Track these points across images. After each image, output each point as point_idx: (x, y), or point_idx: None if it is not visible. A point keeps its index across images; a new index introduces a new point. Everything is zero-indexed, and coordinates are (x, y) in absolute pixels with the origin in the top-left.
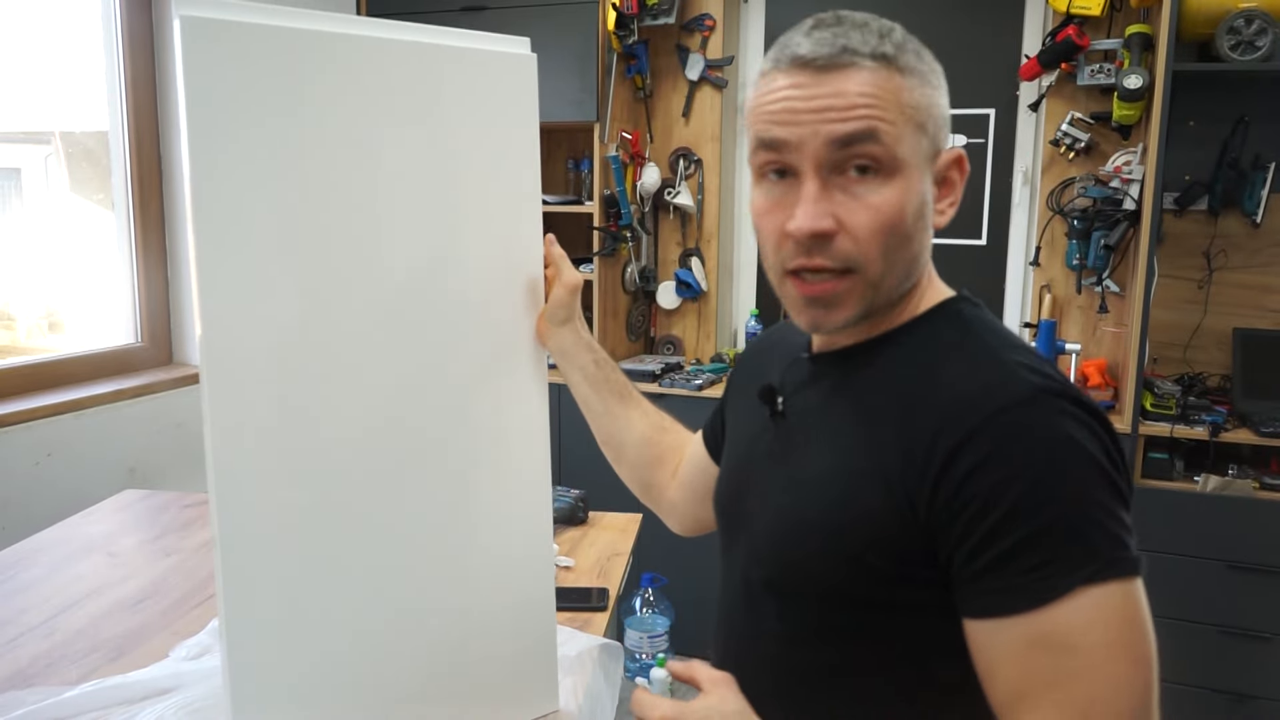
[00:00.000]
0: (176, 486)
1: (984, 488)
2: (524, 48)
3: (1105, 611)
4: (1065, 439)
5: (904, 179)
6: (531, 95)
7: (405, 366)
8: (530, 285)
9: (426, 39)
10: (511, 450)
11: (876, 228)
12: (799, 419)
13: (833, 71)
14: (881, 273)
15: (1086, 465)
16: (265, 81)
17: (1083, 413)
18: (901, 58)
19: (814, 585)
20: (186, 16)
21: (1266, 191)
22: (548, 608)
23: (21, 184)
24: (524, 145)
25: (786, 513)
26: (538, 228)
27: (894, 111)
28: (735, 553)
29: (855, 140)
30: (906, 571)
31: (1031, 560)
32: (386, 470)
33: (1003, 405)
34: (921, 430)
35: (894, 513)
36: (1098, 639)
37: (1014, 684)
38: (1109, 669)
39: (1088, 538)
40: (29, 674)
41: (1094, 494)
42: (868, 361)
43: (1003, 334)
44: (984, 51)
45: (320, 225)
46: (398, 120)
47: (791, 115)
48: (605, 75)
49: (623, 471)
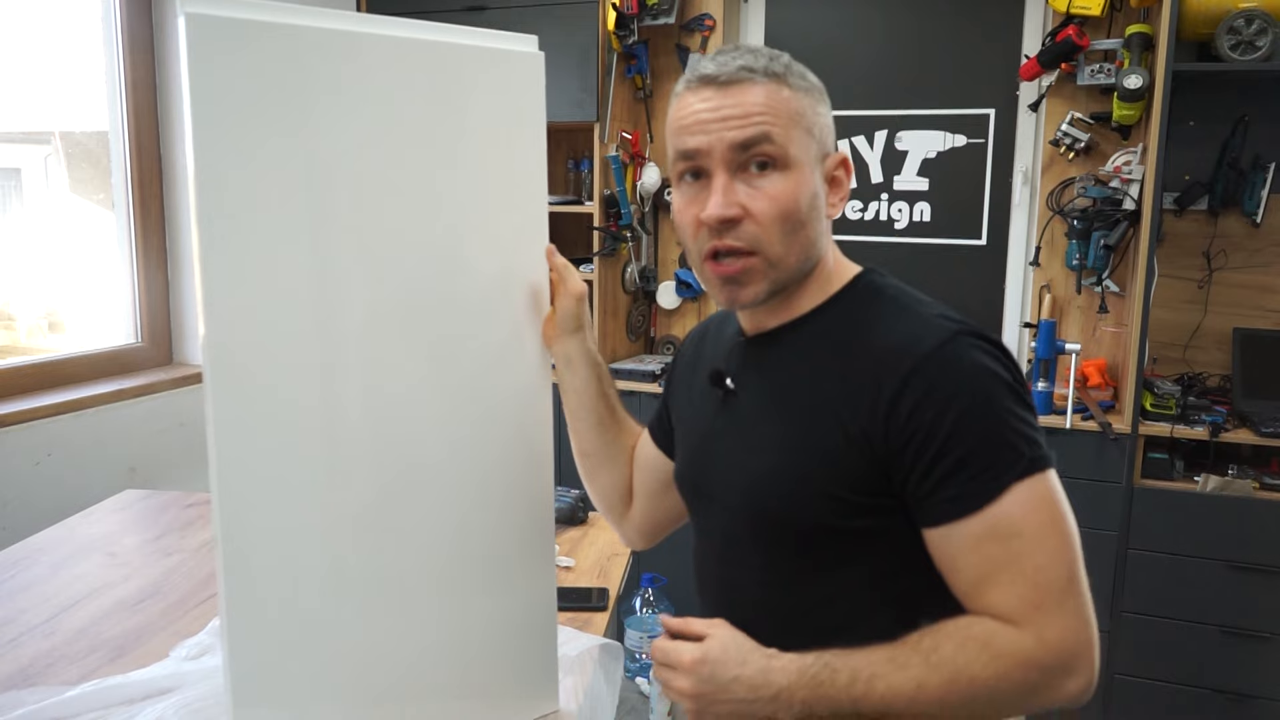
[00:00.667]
0: (177, 486)
1: (926, 419)
2: (531, 46)
3: (1035, 499)
4: (983, 369)
5: (796, 173)
6: (539, 94)
7: (409, 366)
8: (535, 286)
9: (433, 37)
10: (515, 451)
11: (775, 213)
12: (747, 392)
13: (733, 86)
14: (781, 253)
15: (1001, 387)
16: (270, 79)
17: (989, 345)
18: (789, 76)
19: (792, 528)
20: (192, 14)
21: (1266, 191)
22: (548, 608)
23: (21, 184)
24: (531, 144)
25: (754, 469)
26: (543, 227)
27: (784, 118)
28: (707, 517)
29: (753, 143)
30: (867, 500)
31: (972, 470)
32: (389, 471)
33: (929, 349)
34: (864, 376)
35: (851, 450)
36: (1034, 521)
37: (974, 573)
38: (1047, 543)
39: (1013, 445)
40: (29, 674)
41: (1010, 407)
42: (800, 334)
43: (913, 293)
44: (984, 51)
45: (325, 224)
46: (404, 118)
47: (701, 125)
48: (605, 75)
49: (597, 483)
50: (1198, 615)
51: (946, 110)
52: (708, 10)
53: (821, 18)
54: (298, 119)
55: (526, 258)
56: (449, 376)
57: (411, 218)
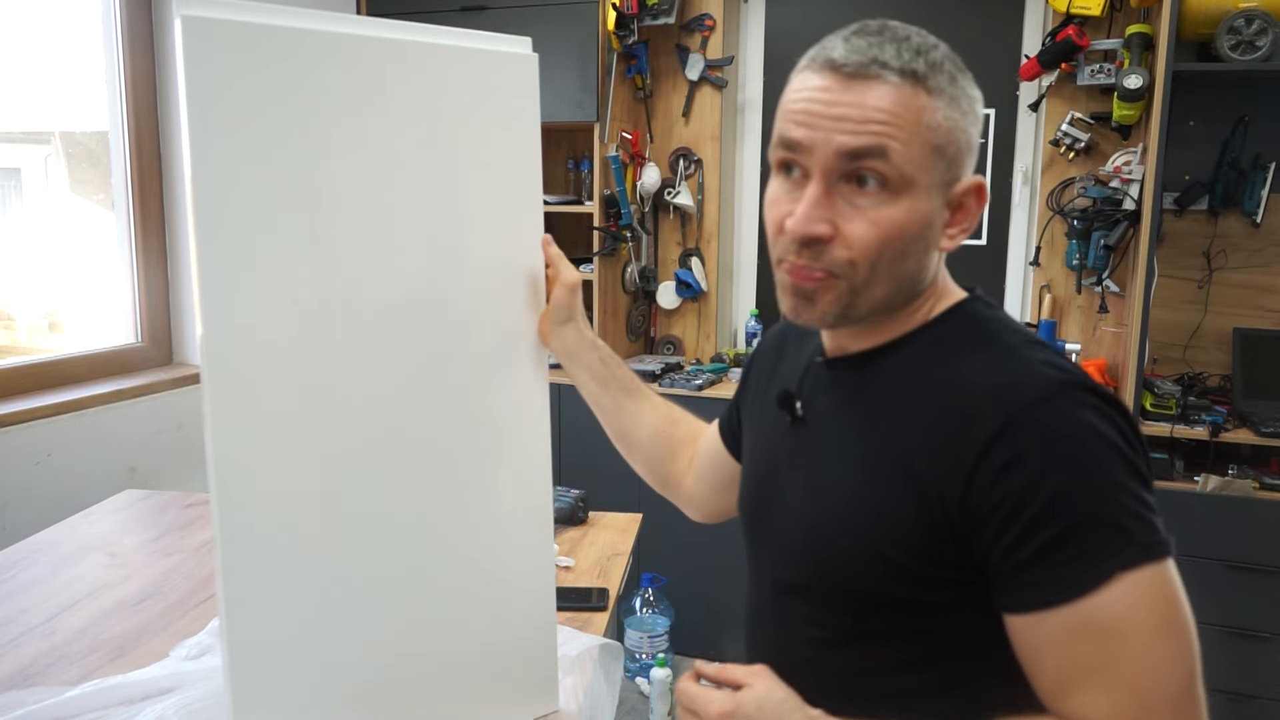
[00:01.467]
0: (177, 486)
1: (1018, 485)
2: (525, 47)
3: (1144, 594)
4: (1091, 431)
5: (910, 198)
6: (533, 95)
7: (406, 367)
8: (531, 285)
9: (428, 39)
10: (513, 450)
11: (871, 241)
12: (819, 424)
13: (858, 81)
14: (865, 281)
15: (1112, 454)
16: (266, 81)
17: (1102, 403)
18: (932, 78)
19: (846, 588)
20: (188, 16)
21: (1266, 191)
22: (548, 608)
23: (21, 184)
24: (525, 145)
25: (814, 517)
26: (539, 228)
27: (910, 130)
28: (762, 556)
29: (864, 155)
30: (937, 570)
31: (1069, 552)
32: (387, 470)
33: (1029, 401)
34: (947, 429)
35: (924, 512)
36: (1139, 622)
37: (1061, 672)
38: (1153, 649)
39: (1120, 525)
40: (29, 674)
41: (1122, 482)
42: (885, 365)
43: (1018, 330)
44: (984, 51)
45: (321, 225)
46: (399, 120)
47: (810, 118)
48: (605, 75)
49: (636, 464)
50: (1197, 615)
51: None
52: (708, 10)
53: (821, 18)
54: (294, 120)
55: (523, 256)
56: (446, 375)
57: (407, 217)
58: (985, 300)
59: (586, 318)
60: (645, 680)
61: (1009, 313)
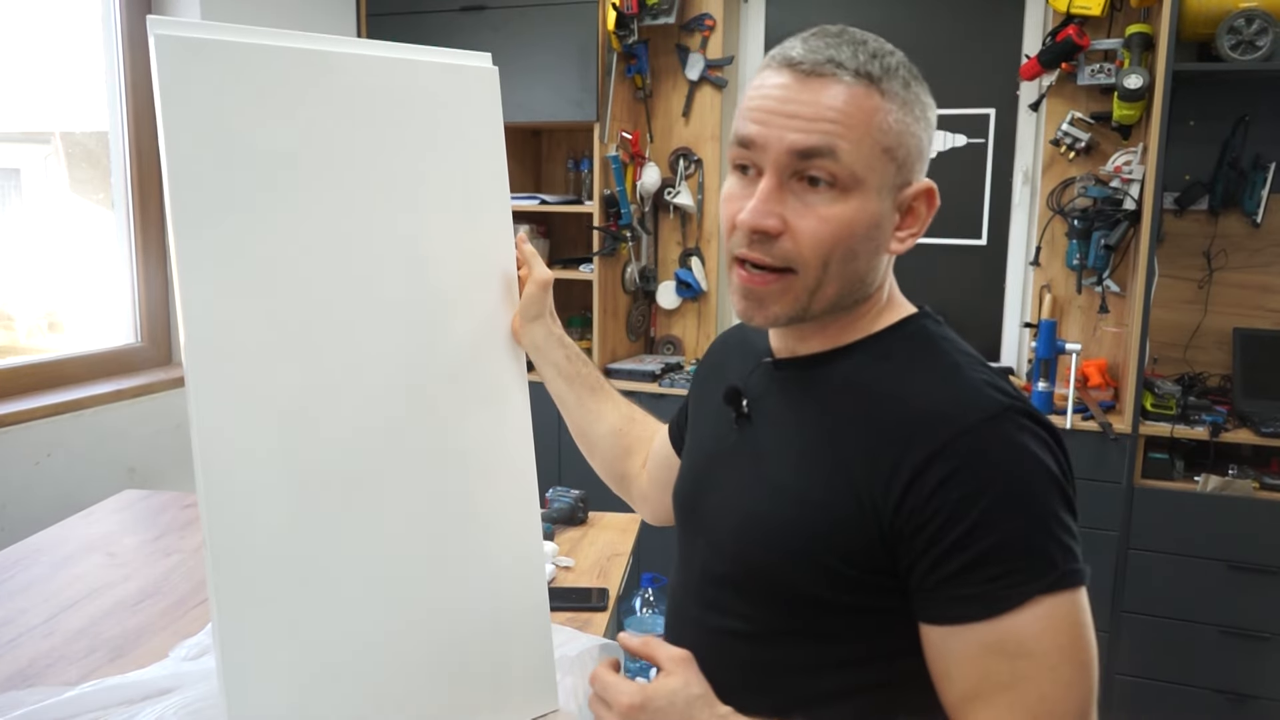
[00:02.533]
0: (176, 486)
1: (950, 501)
2: (486, 61)
3: (1057, 620)
4: (1029, 455)
5: (859, 197)
6: (495, 105)
7: (385, 369)
8: (505, 285)
9: (393, 54)
10: (495, 448)
11: (821, 237)
12: (763, 423)
13: (814, 79)
14: (818, 280)
15: (1046, 481)
16: (239, 95)
17: (1040, 429)
18: (886, 81)
19: (781, 587)
20: (161, 35)
21: (1267, 191)
22: (541, 605)
23: (21, 184)
24: (490, 151)
25: (752, 515)
26: (508, 230)
27: (861, 130)
28: (695, 547)
29: (814, 153)
30: (864, 575)
31: (992, 571)
32: (372, 471)
33: (971, 422)
34: (889, 442)
35: (858, 519)
36: (1049, 645)
37: (969, 685)
38: (1059, 672)
39: (1045, 551)
40: (29, 674)
41: (1051, 508)
42: (833, 370)
43: (965, 350)
44: (984, 51)
45: (295, 233)
46: (366, 132)
47: (764, 115)
48: (605, 75)
49: (595, 463)
50: (1198, 615)
51: (947, 110)
52: (708, 10)
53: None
54: (266, 133)
55: (494, 256)
56: (424, 378)
57: (381, 222)
58: (934, 318)
59: (556, 315)
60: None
61: (955, 334)
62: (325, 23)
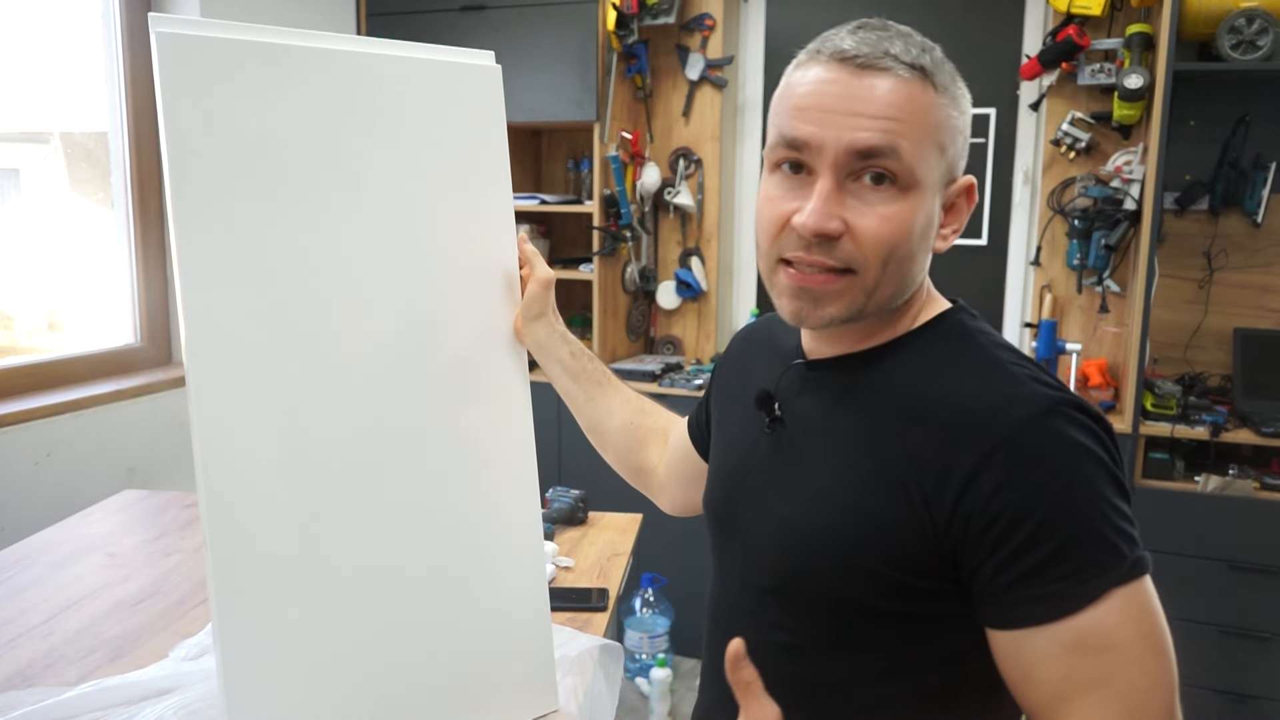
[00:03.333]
0: (176, 486)
1: (1011, 504)
2: (489, 60)
3: (1134, 609)
4: (1084, 451)
5: (917, 196)
6: (498, 104)
7: (387, 369)
8: (507, 283)
9: (396, 52)
10: (496, 448)
11: (883, 237)
12: (799, 426)
13: (870, 72)
14: (877, 280)
15: (1101, 471)
16: (240, 93)
17: (1089, 420)
18: (938, 75)
19: (825, 596)
20: (163, 33)
21: (1267, 191)
22: (541, 605)
23: (21, 184)
24: (493, 150)
25: (795, 523)
26: (511, 229)
27: (919, 128)
28: (732, 557)
29: (878, 153)
30: (921, 582)
31: (1064, 569)
32: (373, 471)
33: (1021, 420)
34: (938, 443)
35: (910, 525)
36: (1132, 635)
37: (1054, 687)
38: (1145, 663)
39: (1111, 543)
40: (28, 674)
41: (1110, 499)
42: (869, 370)
43: (1004, 344)
44: (984, 51)
45: (298, 230)
46: (369, 129)
47: (821, 113)
48: (605, 75)
49: (609, 457)
50: (1198, 615)
51: None
52: (708, 10)
53: (822, 17)
54: (267, 131)
55: (497, 255)
56: (426, 378)
57: (381, 224)
58: (970, 311)
59: (558, 313)
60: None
61: (992, 327)
62: (325, 22)
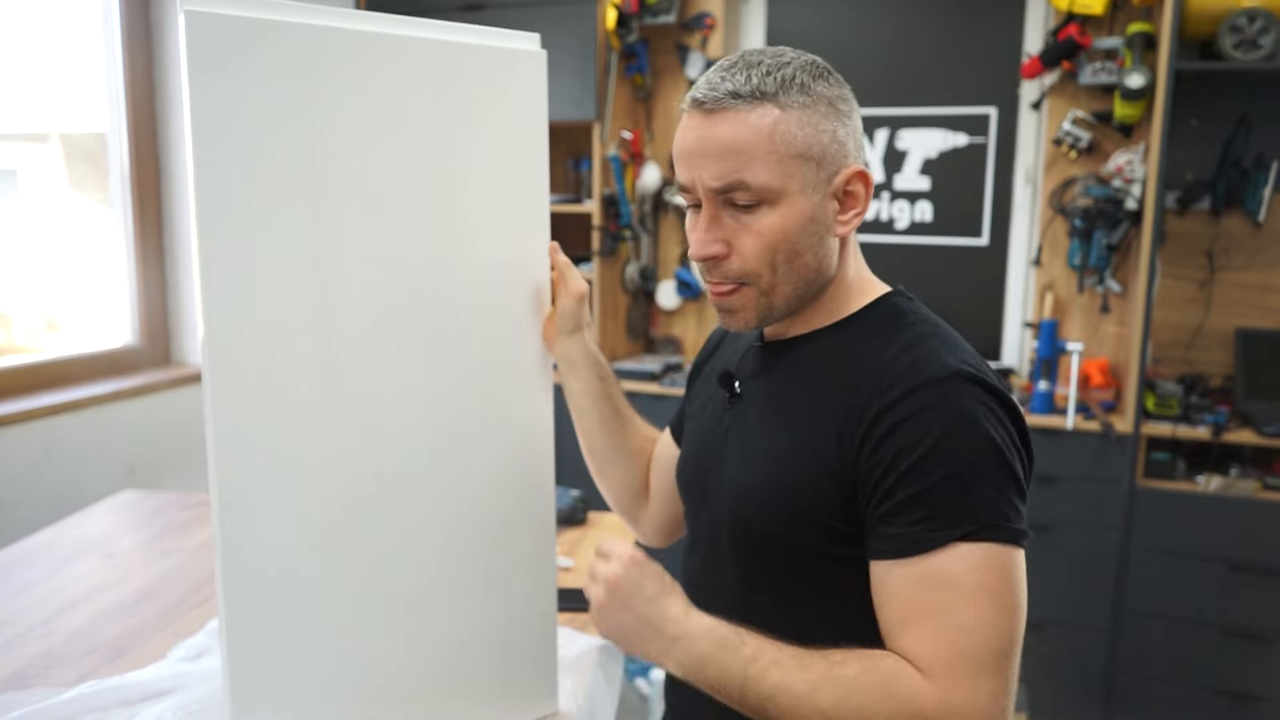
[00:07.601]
0: (175, 486)
1: (892, 449)
2: (534, 44)
3: (979, 563)
4: (968, 417)
5: (786, 204)
6: (541, 94)
7: (410, 368)
8: (537, 287)
9: (436, 35)
10: (516, 453)
11: (761, 249)
12: (753, 399)
13: (714, 115)
14: (771, 283)
15: (985, 447)
16: (270, 76)
17: (991, 399)
18: (784, 94)
19: (768, 541)
20: (191, 11)
21: (1269, 191)
22: (549, 610)
23: (19, 184)
24: (533, 144)
25: (744, 478)
26: (545, 228)
27: (765, 149)
28: (699, 522)
29: (729, 189)
30: (850, 528)
31: (919, 512)
32: (390, 472)
33: (923, 381)
34: (859, 399)
35: (836, 475)
36: (972, 583)
37: (898, 612)
38: (979, 609)
39: (970, 506)
40: (27, 675)
41: (981, 467)
42: (814, 349)
43: (936, 324)
44: (985, 50)
45: (325, 224)
46: (405, 118)
47: (686, 158)
48: (605, 74)
49: (605, 484)
50: (1199, 615)
51: (948, 109)
52: (708, 9)
53: (822, 17)
54: (298, 118)
55: (529, 256)
56: (449, 377)
57: (413, 216)
58: (906, 295)
59: (593, 327)
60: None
61: (928, 309)
62: None
